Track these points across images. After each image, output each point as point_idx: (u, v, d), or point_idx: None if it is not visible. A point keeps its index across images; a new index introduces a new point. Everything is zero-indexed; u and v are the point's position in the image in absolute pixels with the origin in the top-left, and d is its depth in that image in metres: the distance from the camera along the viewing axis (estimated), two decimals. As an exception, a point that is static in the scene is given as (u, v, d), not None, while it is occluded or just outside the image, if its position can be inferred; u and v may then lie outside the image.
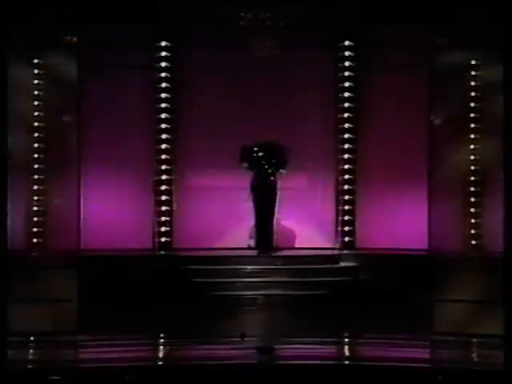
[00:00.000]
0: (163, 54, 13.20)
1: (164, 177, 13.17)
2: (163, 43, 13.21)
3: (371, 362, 7.66)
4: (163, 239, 13.08)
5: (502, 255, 7.21)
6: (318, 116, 13.31)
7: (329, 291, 11.35)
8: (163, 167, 13.16)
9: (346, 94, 13.16)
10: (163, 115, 13.16)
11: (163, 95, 13.18)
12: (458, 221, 12.34)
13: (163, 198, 13.15)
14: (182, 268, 11.69)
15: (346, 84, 13.16)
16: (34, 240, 12.33)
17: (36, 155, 12.44)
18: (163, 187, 13.16)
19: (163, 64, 13.19)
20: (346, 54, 13.17)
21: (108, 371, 6.87)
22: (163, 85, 13.18)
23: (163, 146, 13.18)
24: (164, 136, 13.18)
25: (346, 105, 13.16)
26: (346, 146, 13.19)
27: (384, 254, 12.25)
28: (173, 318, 10.31)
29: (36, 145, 12.46)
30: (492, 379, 6.68)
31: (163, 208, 13.12)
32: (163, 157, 13.16)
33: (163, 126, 13.16)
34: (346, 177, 13.17)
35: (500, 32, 7.49)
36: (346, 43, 13.18)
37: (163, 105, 13.16)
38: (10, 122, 7.25)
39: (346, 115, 13.16)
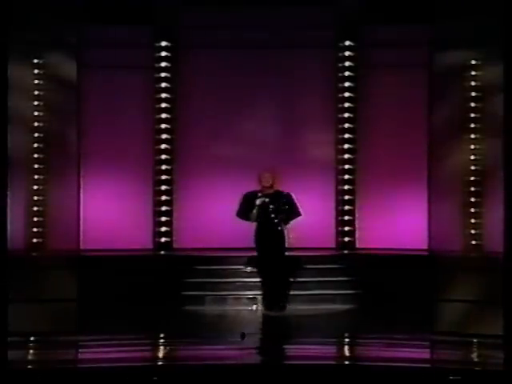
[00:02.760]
0: (163, 53, 13.19)
1: (164, 177, 13.16)
2: (163, 43, 13.20)
3: (371, 362, 7.66)
4: (163, 239, 13.08)
5: (502, 255, 7.21)
6: (318, 116, 13.30)
7: (329, 291, 11.35)
8: (163, 167, 13.16)
9: (346, 94, 13.16)
10: (163, 115, 13.15)
11: (163, 95, 13.17)
12: (457, 221, 12.32)
13: (163, 198, 13.15)
14: (182, 268, 11.68)
15: (346, 84, 13.16)
16: (34, 240, 12.30)
17: (36, 155, 12.41)
18: (163, 187, 13.16)
19: (163, 64, 13.19)
20: (346, 53, 13.17)
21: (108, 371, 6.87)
22: (163, 85, 13.17)
23: (163, 146, 13.17)
24: (164, 136, 13.17)
25: (346, 105, 13.16)
26: (346, 145, 13.19)
27: (384, 253, 12.26)
28: (172, 318, 10.31)
29: (36, 145, 12.42)
30: (492, 379, 6.68)
31: (163, 208, 13.12)
32: (163, 157, 13.15)
33: (163, 126, 13.15)
34: (346, 177, 13.17)
35: (500, 32, 7.49)
36: (346, 43, 13.18)
37: (163, 105, 13.15)
38: (10, 121, 7.26)
39: (346, 115, 13.16)
